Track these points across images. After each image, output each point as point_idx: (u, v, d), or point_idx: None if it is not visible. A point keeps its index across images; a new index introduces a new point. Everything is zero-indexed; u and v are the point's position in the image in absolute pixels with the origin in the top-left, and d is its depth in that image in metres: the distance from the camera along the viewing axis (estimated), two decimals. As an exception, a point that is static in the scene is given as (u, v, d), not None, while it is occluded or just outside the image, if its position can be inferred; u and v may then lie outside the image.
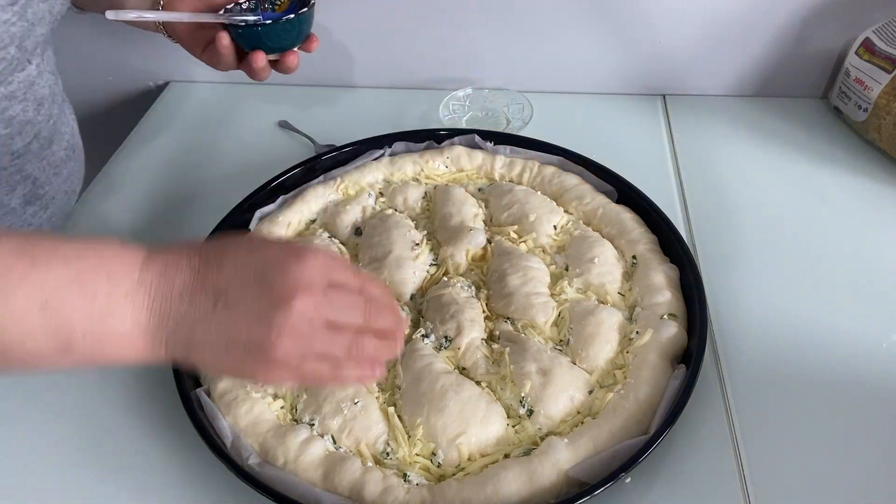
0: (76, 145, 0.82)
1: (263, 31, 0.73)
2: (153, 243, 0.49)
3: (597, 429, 0.57)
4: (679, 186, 0.89)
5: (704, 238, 0.81)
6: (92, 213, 0.90)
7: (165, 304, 0.46)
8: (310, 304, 0.46)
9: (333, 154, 0.87)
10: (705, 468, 0.60)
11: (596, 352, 0.64)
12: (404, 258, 0.73)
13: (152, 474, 0.61)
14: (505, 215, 0.79)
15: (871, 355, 0.68)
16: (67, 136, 0.79)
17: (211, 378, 0.63)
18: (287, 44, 0.76)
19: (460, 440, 0.57)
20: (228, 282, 0.47)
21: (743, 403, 0.64)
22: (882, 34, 0.90)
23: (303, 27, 0.76)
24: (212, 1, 0.76)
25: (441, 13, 1.00)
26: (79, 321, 0.44)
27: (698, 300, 0.66)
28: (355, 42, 1.05)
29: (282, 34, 0.74)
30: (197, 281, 0.46)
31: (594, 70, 1.04)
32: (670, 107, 1.03)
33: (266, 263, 0.48)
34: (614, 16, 0.97)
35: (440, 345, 0.66)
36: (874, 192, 0.86)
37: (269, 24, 0.73)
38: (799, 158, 0.92)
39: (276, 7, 0.79)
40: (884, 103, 0.87)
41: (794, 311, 0.72)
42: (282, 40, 0.75)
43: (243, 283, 0.47)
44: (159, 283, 0.46)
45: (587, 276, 0.70)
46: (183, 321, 0.46)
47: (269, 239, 0.70)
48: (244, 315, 0.46)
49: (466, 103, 1.01)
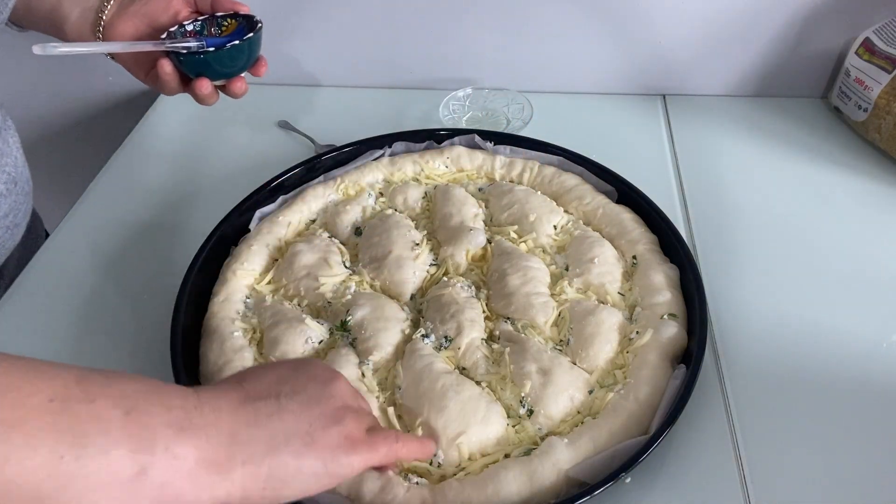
0: (19, 176, 0.76)
1: (207, 58, 0.69)
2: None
3: (597, 429, 0.57)
4: (679, 186, 0.89)
5: (704, 238, 0.81)
6: (92, 213, 0.90)
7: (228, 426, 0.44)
8: (347, 383, 0.53)
9: (333, 154, 0.87)
10: (705, 468, 0.60)
11: (596, 352, 0.64)
12: (404, 258, 0.73)
13: (152, 474, 0.61)
14: (505, 215, 0.79)
15: (871, 355, 0.68)
16: (9, 169, 0.74)
17: (211, 377, 0.63)
18: (233, 70, 0.72)
19: (460, 440, 0.57)
20: (280, 378, 0.49)
21: (743, 403, 0.64)
22: (882, 34, 0.90)
23: (251, 52, 0.72)
24: (156, 20, 0.72)
25: (441, 13, 1.00)
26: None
27: (698, 300, 0.66)
28: (355, 42, 1.05)
29: (227, 60, 0.70)
30: (246, 393, 0.47)
31: (594, 70, 1.04)
32: (670, 107, 1.03)
33: (293, 365, 0.52)
34: (614, 16, 0.97)
35: (440, 345, 0.66)
36: (874, 192, 0.86)
37: (213, 51, 0.69)
38: (799, 158, 0.92)
39: (223, 29, 0.74)
40: (884, 103, 0.87)
41: (794, 310, 0.72)
42: (227, 66, 0.71)
43: (291, 378, 0.49)
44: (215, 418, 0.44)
45: (587, 276, 0.70)
46: (255, 428, 0.45)
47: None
48: (312, 398, 0.48)
49: (466, 103, 1.01)
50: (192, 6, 0.74)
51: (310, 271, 0.72)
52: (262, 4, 1.02)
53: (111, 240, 0.85)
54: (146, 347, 0.72)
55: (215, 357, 0.65)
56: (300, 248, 0.74)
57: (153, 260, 0.82)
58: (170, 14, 0.72)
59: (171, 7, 0.73)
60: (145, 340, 0.72)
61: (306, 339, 0.66)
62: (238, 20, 0.73)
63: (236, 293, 0.72)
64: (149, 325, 0.74)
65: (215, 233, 0.76)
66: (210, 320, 0.69)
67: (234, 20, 0.73)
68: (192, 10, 0.74)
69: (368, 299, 0.69)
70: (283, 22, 1.03)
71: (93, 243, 0.85)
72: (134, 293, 0.78)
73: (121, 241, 0.85)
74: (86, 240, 0.86)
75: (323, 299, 0.71)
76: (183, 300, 0.68)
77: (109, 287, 0.79)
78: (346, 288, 0.71)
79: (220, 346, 0.66)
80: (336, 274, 0.72)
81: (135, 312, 0.76)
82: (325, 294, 0.71)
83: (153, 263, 0.82)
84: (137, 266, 0.82)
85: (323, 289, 0.71)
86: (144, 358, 0.71)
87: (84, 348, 0.73)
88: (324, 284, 0.71)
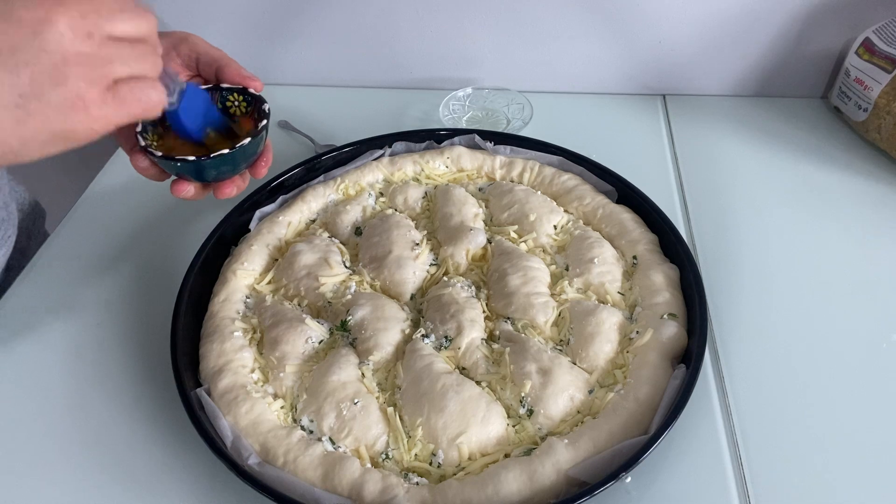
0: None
1: (185, 166, 0.56)
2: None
3: (597, 429, 0.57)
4: (679, 186, 0.89)
5: (704, 238, 0.81)
6: (93, 212, 0.90)
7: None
8: (75, 18, 0.40)
9: (333, 154, 0.87)
10: (705, 468, 0.60)
11: (596, 351, 0.64)
12: (404, 258, 0.73)
13: (152, 474, 0.61)
14: (505, 215, 0.79)
15: (871, 355, 0.68)
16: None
17: (211, 377, 0.63)
18: (221, 175, 0.59)
19: (461, 440, 0.57)
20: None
21: (743, 403, 0.64)
22: (882, 34, 0.90)
23: (245, 157, 0.58)
24: None
25: (441, 13, 1.00)
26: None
27: (698, 300, 0.66)
28: (355, 42, 1.05)
29: (210, 169, 0.57)
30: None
31: (594, 70, 1.04)
32: (670, 107, 1.03)
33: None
34: (614, 16, 0.97)
35: (440, 345, 0.66)
36: (874, 192, 0.86)
37: (191, 161, 0.55)
38: (799, 158, 0.92)
39: (227, 105, 0.61)
40: (884, 103, 0.87)
41: (794, 310, 0.72)
42: (212, 174, 0.58)
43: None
44: None
45: (587, 276, 0.70)
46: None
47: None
48: (19, 58, 0.39)
49: (466, 103, 1.01)
50: (194, 70, 0.62)
51: (310, 271, 0.72)
52: (262, 4, 1.03)
53: (111, 240, 0.85)
54: (146, 347, 0.72)
55: (215, 357, 0.65)
56: (300, 248, 0.74)
57: (153, 260, 0.82)
58: None
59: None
60: (145, 340, 0.72)
61: (306, 338, 0.66)
62: (245, 97, 0.61)
63: (236, 293, 0.72)
64: (149, 325, 0.74)
65: (215, 233, 0.76)
66: (210, 320, 0.69)
67: (240, 96, 0.61)
68: (192, 75, 0.62)
69: (368, 299, 0.69)
70: (283, 22, 1.03)
71: (93, 243, 0.85)
72: (134, 293, 0.78)
73: (121, 241, 0.85)
74: (86, 240, 0.86)
75: (323, 299, 0.71)
76: (183, 300, 0.68)
77: (109, 286, 0.79)
78: (346, 288, 0.71)
79: (220, 346, 0.66)
80: (336, 274, 0.72)
81: (135, 312, 0.76)
82: (325, 294, 0.71)
83: (153, 263, 0.82)
84: (137, 266, 0.82)
85: (323, 289, 0.71)
86: (144, 358, 0.71)
87: (84, 348, 0.73)
88: (324, 284, 0.71)
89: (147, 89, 0.44)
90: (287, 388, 0.63)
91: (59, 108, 0.40)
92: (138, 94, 0.43)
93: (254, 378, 0.64)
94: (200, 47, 0.61)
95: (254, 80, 0.60)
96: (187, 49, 0.61)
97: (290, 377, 0.64)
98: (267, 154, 0.62)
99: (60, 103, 0.40)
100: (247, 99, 0.61)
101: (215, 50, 0.62)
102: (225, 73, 0.60)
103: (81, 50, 0.40)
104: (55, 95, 0.40)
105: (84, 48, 0.40)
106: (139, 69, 0.44)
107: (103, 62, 0.41)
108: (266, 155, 0.62)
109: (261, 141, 0.59)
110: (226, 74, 0.60)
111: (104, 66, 0.41)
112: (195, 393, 0.62)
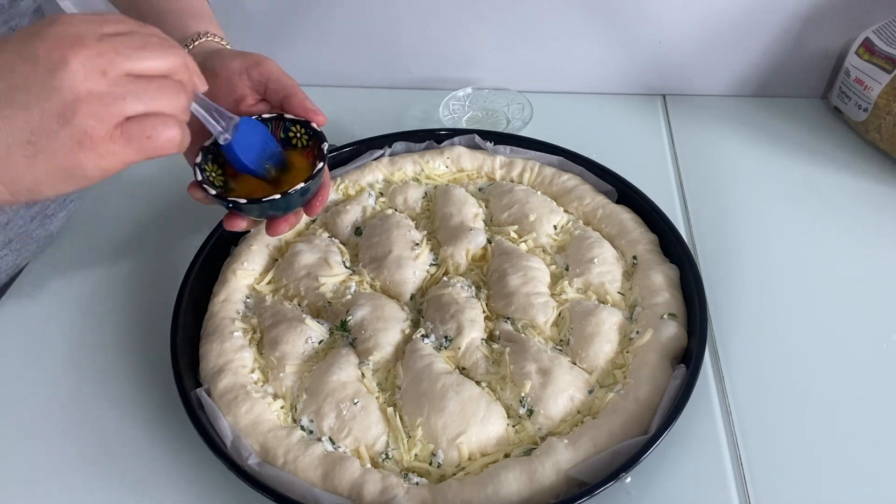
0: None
1: (240, 206, 0.55)
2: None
3: (597, 429, 0.57)
4: (679, 186, 0.89)
5: (704, 238, 0.81)
6: (93, 212, 0.90)
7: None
8: (91, 57, 0.40)
9: (333, 154, 0.87)
10: (705, 468, 0.60)
11: (596, 352, 0.64)
12: (404, 258, 0.73)
13: (152, 474, 0.61)
14: (505, 215, 0.79)
15: (871, 356, 0.68)
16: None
17: (211, 377, 0.63)
18: (274, 215, 0.58)
19: (460, 440, 0.57)
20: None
21: (743, 403, 0.64)
22: (882, 34, 0.90)
23: (302, 198, 0.57)
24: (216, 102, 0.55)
25: (441, 13, 1.00)
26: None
27: (698, 300, 0.66)
28: (355, 42, 1.05)
29: (267, 209, 0.56)
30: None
31: (594, 70, 1.04)
32: (670, 107, 1.03)
33: (18, 42, 0.40)
34: (614, 16, 0.97)
35: (440, 345, 0.66)
36: (874, 192, 0.86)
37: (242, 203, 0.54)
38: (799, 158, 0.92)
39: (289, 136, 0.59)
40: (884, 103, 0.87)
41: (794, 310, 0.72)
42: (266, 214, 0.58)
43: (4, 69, 0.40)
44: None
45: (587, 276, 0.70)
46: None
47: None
48: (31, 95, 0.39)
49: (466, 103, 1.01)
50: (262, 94, 0.60)
51: (310, 271, 0.72)
52: (262, 4, 1.03)
53: (111, 240, 0.85)
54: (146, 347, 0.72)
55: (215, 357, 0.65)
56: (300, 248, 0.74)
57: (153, 260, 0.82)
58: (233, 98, 0.60)
59: (236, 91, 0.60)
60: (145, 340, 0.72)
61: (306, 338, 0.66)
62: (308, 131, 0.59)
63: (236, 293, 0.72)
64: (149, 325, 0.74)
65: (215, 233, 0.76)
66: (210, 320, 0.69)
67: (302, 128, 0.59)
68: (259, 100, 0.61)
69: (368, 299, 0.69)
70: (283, 22, 1.03)
71: (93, 243, 0.85)
72: (134, 293, 0.78)
73: (121, 241, 0.85)
74: (86, 239, 0.86)
75: (323, 299, 0.71)
76: (183, 300, 0.68)
77: (109, 287, 0.79)
78: (346, 288, 0.71)
79: (220, 346, 0.66)
80: (336, 274, 0.72)
81: (135, 312, 0.76)
82: (325, 294, 0.71)
83: (153, 263, 0.82)
84: (137, 266, 0.82)
85: (323, 289, 0.71)
86: (144, 358, 0.71)
87: (84, 348, 0.73)
88: (324, 284, 0.71)
89: (158, 126, 0.43)
90: (287, 388, 0.63)
91: (66, 145, 0.40)
92: (148, 131, 0.43)
93: (254, 378, 0.64)
94: (273, 73, 0.60)
95: (318, 114, 0.59)
96: (258, 73, 0.59)
97: (290, 377, 0.64)
98: (324, 192, 0.60)
99: (68, 140, 0.40)
100: (308, 132, 0.59)
101: (287, 78, 0.60)
102: (290, 104, 0.59)
103: (94, 88, 0.40)
104: (63, 133, 0.40)
105: (97, 86, 0.40)
106: (156, 106, 0.43)
107: (114, 99, 0.41)
108: (323, 192, 0.60)
109: (316, 183, 0.57)
110: (291, 105, 0.59)
111: (115, 104, 0.41)
112: (195, 393, 0.62)
